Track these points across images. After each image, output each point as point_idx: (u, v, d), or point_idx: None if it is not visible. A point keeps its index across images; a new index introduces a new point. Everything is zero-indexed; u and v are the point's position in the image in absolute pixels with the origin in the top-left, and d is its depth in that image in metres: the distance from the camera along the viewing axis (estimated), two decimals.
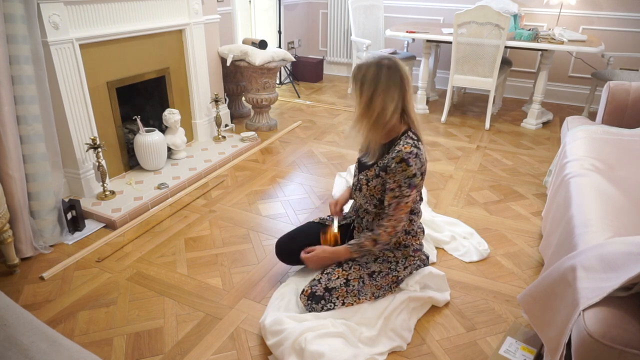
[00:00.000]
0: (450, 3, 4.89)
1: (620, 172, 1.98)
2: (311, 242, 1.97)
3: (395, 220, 1.72)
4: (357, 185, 1.86)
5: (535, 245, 2.37)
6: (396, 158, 1.65)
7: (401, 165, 1.64)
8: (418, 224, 1.92)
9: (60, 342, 1.19)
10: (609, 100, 2.49)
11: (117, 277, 2.11)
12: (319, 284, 1.80)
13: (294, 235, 2.05)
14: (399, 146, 1.67)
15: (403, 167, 1.64)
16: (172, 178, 2.94)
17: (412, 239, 1.89)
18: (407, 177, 1.65)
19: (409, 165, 1.64)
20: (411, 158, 1.64)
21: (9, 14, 2.01)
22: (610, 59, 4.12)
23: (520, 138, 3.85)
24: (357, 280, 1.81)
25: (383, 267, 1.85)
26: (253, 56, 3.57)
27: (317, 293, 1.78)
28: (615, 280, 1.18)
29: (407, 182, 1.66)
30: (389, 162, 1.68)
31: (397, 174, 1.66)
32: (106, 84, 2.71)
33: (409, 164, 1.64)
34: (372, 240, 1.76)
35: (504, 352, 1.64)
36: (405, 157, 1.63)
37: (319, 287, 1.79)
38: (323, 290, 1.78)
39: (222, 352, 1.70)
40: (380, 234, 1.74)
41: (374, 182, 1.76)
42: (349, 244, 1.81)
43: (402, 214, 1.72)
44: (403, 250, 1.88)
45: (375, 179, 1.76)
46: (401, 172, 1.65)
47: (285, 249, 2.03)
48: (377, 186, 1.76)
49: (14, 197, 2.10)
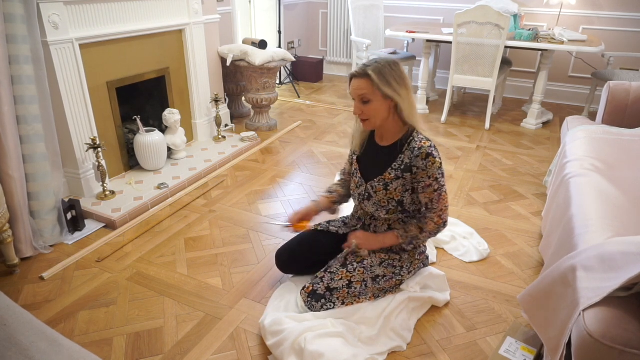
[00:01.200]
0: (450, 3, 4.89)
1: (620, 172, 1.98)
2: (311, 249, 1.96)
3: (441, 210, 1.75)
4: (365, 195, 1.84)
5: (535, 245, 2.37)
6: (421, 155, 1.67)
7: (429, 159, 1.67)
8: None
9: (60, 342, 1.19)
10: (609, 100, 2.49)
11: (117, 277, 2.10)
12: (321, 282, 1.79)
13: (293, 245, 2.00)
14: (414, 144, 1.69)
15: (432, 161, 1.67)
16: (172, 178, 2.94)
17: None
18: (438, 168, 1.69)
19: (435, 158, 1.67)
20: (434, 150, 1.69)
21: (9, 14, 2.01)
22: (610, 59, 4.12)
23: (520, 138, 3.85)
24: (360, 283, 1.80)
25: (387, 272, 1.84)
26: (253, 56, 3.57)
27: (319, 291, 1.78)
28: (615, 281, 1.18)
29: (440, 172, 1.70)
30: (412, 161, 1.69)
31: (429, 169, 1.68)
32: (106, 84, 2.71)
33: (434, 155, 1.67)
34: (418, 228, 1.77)
35: (504, 352, 1.64)
36: (430, 151, 1.67)
37: (321, 285, 1.79)
38: (325, 289, 1.78)
39: (222, 352, 1.70)
40: (427, 223, 1.76)
41: (394, 185, 1.75)
42: (396, 230, 1.81)
43: (445, 202, 1.75)
44: (410, 253, 1.87)
45: (395, 182, 1.74)
46: (432, 165, 1.67)
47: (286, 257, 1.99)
48: (397, 188, 1.75)
49: (14, 197, 2.10)
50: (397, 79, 1.63)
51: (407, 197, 1.77)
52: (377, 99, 1.65)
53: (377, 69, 1.62)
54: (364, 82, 1.64)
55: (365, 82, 1.64)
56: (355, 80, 1.66)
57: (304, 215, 1.98)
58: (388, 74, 1.62)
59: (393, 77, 1.63)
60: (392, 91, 1.63)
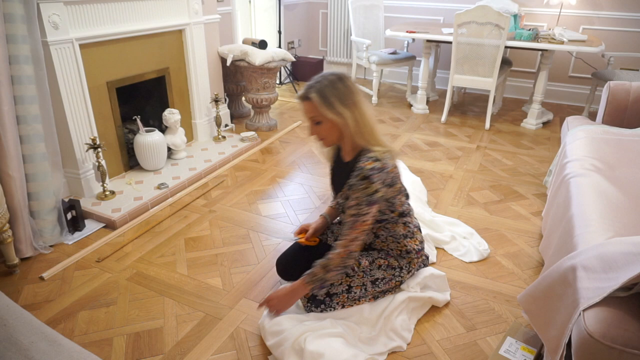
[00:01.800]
0: (450, 3, 4.89)
1: (621, 172, 1.98)
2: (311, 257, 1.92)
3: (350, 240, 1.63)
4: (339, 208, 1.83)
5: (535, 245, 2.37)
6: (359, 175, 1.58)
7: (364, 182, 1.58)
8: (414, 223, 1.89)
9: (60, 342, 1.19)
10: (609, 100, 2.49)
11: (117, 277, 2.10)
12: (321, 288, 1.79)
13: (293, 253, 1.98)
14: (360, 163, 1.60)
15: (365, 185, 1.58)
16: (172, 178, 2.94)
17: (411, 241, 1.86)
18: (368, 195, 1.59)
19: (372, 182, 1.57)
20: (374, 174, 1.57)
21: (9, 14, 2.01)
22: (610, 58, 4.12)
23: (521, 138, 3.85)
24: (359, 287, 1.80)
25: (387, 274, 1.83)
26: (253, 56, 3.56)
27: (318, 297, 1.77)
28: (615, 281, 1.18)
29: (367, 199, 1.59)
30: (352, 178, 1.62)
31: (358, 191, 1.59)
32: (106, 84, 2.71)
33: (372, 180, 1.57)
34: (322, 268, 1.66)
35: (504, 352, 1.64)
36: (368, 174, 1.57)
37: (321, 291, 1.78)
38: (324, 295, 1.78)
39: (222, 352, 1.70)
40: (331, 258, 1.65)
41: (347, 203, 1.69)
42: (303, 275, 1.71)
43: (357, 232, 1.63)
44: (407, 257, 1.86)
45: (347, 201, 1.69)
46: (363, 189, 1.58)
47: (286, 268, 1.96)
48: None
49: (14, 197, 2.10)
50: (341, 97, 1.57)
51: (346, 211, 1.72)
52: (325, 120, 1.61)
53: (319, 90, 1.58)
54: (308, 104, 1.61)
55: (310, 105, 1.60)
56: (303, 103, 1.63)
57: (315, 231, 1.97)
58: (330, 94, 1.57)
59: (336, 97, 1.57)
60: (333, 113, 1.58)
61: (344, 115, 1.58)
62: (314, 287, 1.70)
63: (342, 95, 1.58)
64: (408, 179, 2.87)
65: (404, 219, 1.83)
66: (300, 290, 1.71)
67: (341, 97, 1.58)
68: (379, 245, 1.87)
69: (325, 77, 1.60)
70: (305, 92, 1.61)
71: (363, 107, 1.62)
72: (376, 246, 1.88)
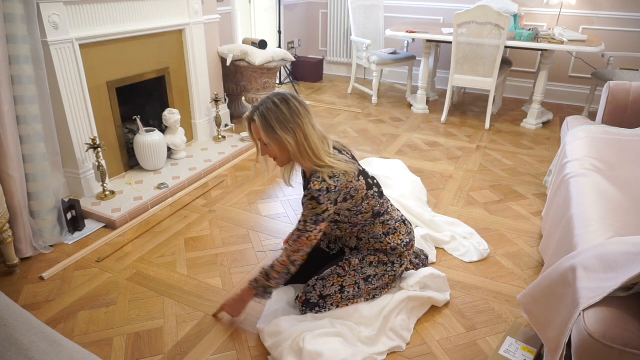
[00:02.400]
0: (450, 3, 4.89)
1: (621, 172, 1.98)
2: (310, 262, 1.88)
3: (293, 251, 1.66)
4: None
5: (535, 245, 2.37)
6: (308, 196, 1.60)
7: (312, 202, 1.59)
8: (395, 218, 1.85)
9: (60, 342, 1.19)
10: (609, 100, 2.49)
11: (117, 277, 2.10)
12: (314, 291, 1.79)
13: None
14: (310, 184, 1.61)
15: (313, 205, 1.59)
16: (172, 178, 2.94)
17: (394, 237, 1.82)
18: (315, 215, 1.61)
19: (319, 203, 1.58)
20: (322, 196, 1.58)
21: (9, 14, 2.01)
22: (610, 58, 4.12)
23: (521, 138, 3.85)
24: (352, 286, 1.80)
25: (379, 270, 1.83)
26: (253, 56, 3.56)
27: (312, 300, 1.78)
28: (615, 281, 1.18)
29: (314, 218, 1.61)
30: (303, 198, 1.64)
31: (306, 210, 1.62)
32: (106, 84, 2.71)
33: (320, 202, 1.58)
34: (265, 275, 1.70)
35: (504, 352, 1.64)
36: (315, 195, 1.58)
37: (314, 294, 1.78)
38: (317, 297, 1.78)
39: (222, 352, 1.70)
40: (274, 265, 1.69)
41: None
42: (249, 281, 1.75)
43: (301, 246, 1.65)
44: (395, 253, 1.84)
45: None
46: (311, 209, 1.60)
47: None
48: None
49: (14, 197, 2.10)
50: (282, 121, 1.57)
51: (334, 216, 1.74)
52: (270, 142, 1.62)
53: (261, 114, 1.59)
54: (254, 126, 1.63)
55: (255, 127, 1.63)
56: (248, 125, 1.66)
57: None
58: (272, 118, 1.57)
59: (277, 121, 1.57)
60: (275, 137, 1.59)
61: (286, 139, 1.59)
62: (257, 294, 1.73)
63: (284, 119, 1.58)
64: (408, 179, 2.87)
65: (381, 219, 1.81)
66: (246, 296, 1.76)
67: (282, 121, 1.57)
68: (364, 247, 1.86)
69: (270, 99, 1.60)
70: (249, 114, 1.63)
71: (307, 130, 1.61)
72: (361, 248, 1.87)
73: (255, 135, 1.65)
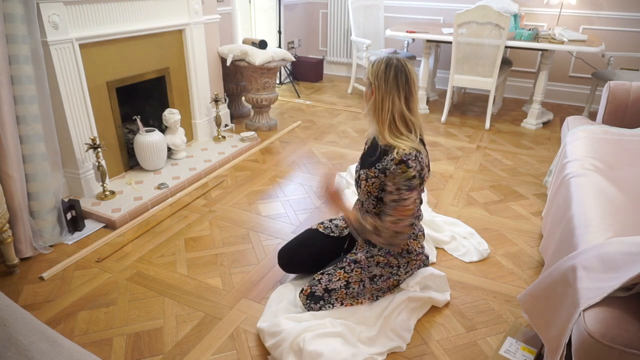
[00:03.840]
0: (450, 3, 4.89)
1: (621, 172, 1.98)
2: (316, 251, 1.96)
3: (398, 219, 1.66)
4: (358, 181, 1.84)
5: (535, 245, 2.37)
6: (395, 159, 1.61)
7: (400, 167, 1.60)
8: (419, 226, 1.91)
9: (60, 342, 1.19)
10: (609, 100, 2.49)
11: (117, 277, 2.10)
12: (319, 284, 1.79)
13: (296, 246, 2.00)
14: (398, 148, 1.63)
15: (402, 169, 1.60)
16: (172, 178, 2.94)
17: (414, 242, 1.87)
18: (407, 179, 1.61)
19: (408, 167, 1.60)
20: (410, 160, 1.60)
21: (9, 14, 2.01)
22: (610, 58, 4.12)
23: (521, 138, 3.85)
24: (357, 283, 1.80)
25: (384, 272, 1.84)
26: (253, 56, 3.56)
27: (317, 293, 1.78)
28: (615, 281, 1.18)
29: (407, 184, 1.62)
30: (387, 164, 1.65)
31: (396, 176, 1.62)
32: (106, 84, 2.71)
33: (409, 165, 1.60)
34: (373, 227, 1.68)
35: (504, 352, 1.64)
36: (405, 159, 1.60)
37: (319, 287, 1.79)
38: (323, 290, 1.78)
39: (222, 352, 1.70)
40: (386, 228, 1.67)
41: (372, 181, 1.73)
42: (362, 217, 1.74)
43: (400, 215, 1.65)
44: (407, 257, 1.86)
45: (373, 179, 1.73)
46: (400, 174, 1.61)
47: (288, 259, 2.00)
48: (375, 183, 1.73)
49: (14, 197, 2.10)
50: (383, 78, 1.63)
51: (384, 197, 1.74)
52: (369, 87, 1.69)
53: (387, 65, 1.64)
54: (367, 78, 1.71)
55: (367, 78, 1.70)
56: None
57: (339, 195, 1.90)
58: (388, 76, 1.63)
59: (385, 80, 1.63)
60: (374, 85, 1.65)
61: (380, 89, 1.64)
62: (354, 227, 1.73)
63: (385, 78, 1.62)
64: None
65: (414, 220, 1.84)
66: (347, 213, 1.75)
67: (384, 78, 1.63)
68: None
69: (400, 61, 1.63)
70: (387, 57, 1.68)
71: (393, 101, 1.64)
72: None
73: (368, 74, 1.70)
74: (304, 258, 1.98)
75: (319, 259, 1.95)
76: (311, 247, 1.99)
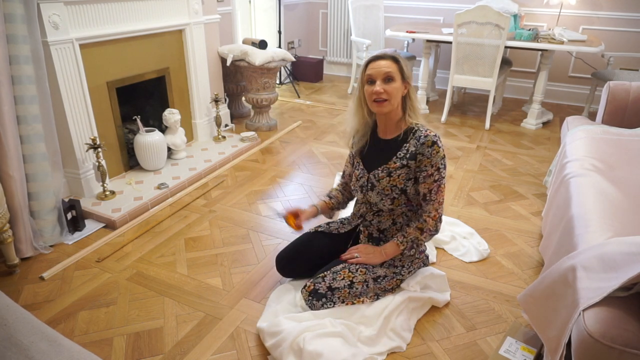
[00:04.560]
0: (450, 3, 4.89)
1: (620, 172, 1.98)
2: (314, 254, 1.96)
3: (438, 203, 1.77)
4: (367, 185, 1.85)
5: (535, 245, 2.37)
6: (427, 142, 1.71)
7: (434, 148, 1.71)
8: None
9: (60, 342, 1.19)
10: (609, 100, 2.49)
11: (117, 277, 2.10)
12: (323, 282, 1.79)
13: (292, 249, 2.00)
14: (419, 133, 1.74)
15: (436, 149, 1.71)
16: (172, 178, 2.94)
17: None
18: (442, 158, 1.73)
19: (439, 147, 1.72)
20: (438, 140, 1.73)
21: (9, 14, 2.01)
22: (610, 59, 4.12)
23: (520, 138, 3.85)
24: (361, 283, 1.80)
25: (388, 272, 1.85)
26: (253, 56, 3.56)
27: (320, 291, 1.78)
28: (615, 281, 1.18)
29: (443, 162, 1.74)
30: (418, 149, 1.73)
31: (432, 157, 1.71)
32: (106, 84, 2.71)
33: (439, 145, 1.72)
34: (418, 230, 1.79)
35: (504, 352, 1.64)
36: (435, 140, 1.72)
37: (323, 285, 1.78)
38: (326, 288, 1.78)
39: (222, 352, 1.70)
40: (426, 221, 1.78)
41: (397, 173, 1.77)
42: (395, 238, 1.83)
43: (443, 196, 1.77)
44: (412, 256, 1.88)
45: (400, 170, 1.77)
46: (436, 154, 1.71)
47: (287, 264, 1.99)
48: (401, 175, 1.77)
49: (14, 197, 2.10)
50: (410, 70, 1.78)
51: (410, 187, 1.78)
52: (398, 80, 1.73)
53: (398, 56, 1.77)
54: (390, 62, 1.74)
55: (391, 62, 1.74)
56: (382, 61, 1.74)
57: (300, 213, 1.98)
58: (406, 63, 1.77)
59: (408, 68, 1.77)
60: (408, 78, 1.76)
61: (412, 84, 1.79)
62: (405, 248, 1.81)
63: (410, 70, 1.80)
64: None
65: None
66: (391, 250, 1.83)
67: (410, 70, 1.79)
68: (393, 233, 1.89)
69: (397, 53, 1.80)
70: (393, 54, 1.78)
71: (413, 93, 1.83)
72: (390, 233, 1.90)
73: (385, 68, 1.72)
74: (302, 260, 1.97)
75: (317, 261, 1.94)
76: (309, 248, 1.98)
